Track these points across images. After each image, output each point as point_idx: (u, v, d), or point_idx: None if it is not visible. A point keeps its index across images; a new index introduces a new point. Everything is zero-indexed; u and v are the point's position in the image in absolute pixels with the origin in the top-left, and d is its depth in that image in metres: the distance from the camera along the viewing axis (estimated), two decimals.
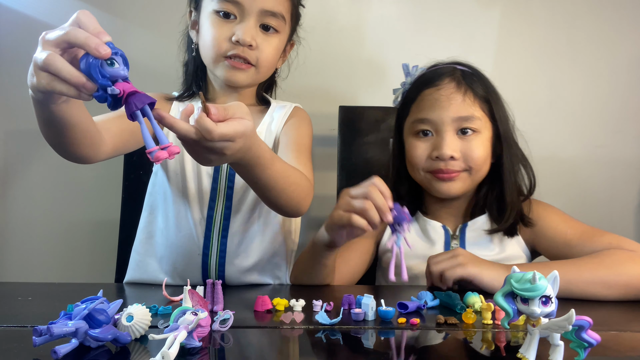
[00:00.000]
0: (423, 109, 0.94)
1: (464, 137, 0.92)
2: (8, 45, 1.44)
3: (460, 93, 0.93)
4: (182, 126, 0.59)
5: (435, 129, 0.93)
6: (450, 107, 0.92)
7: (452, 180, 0.93)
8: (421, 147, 0.94)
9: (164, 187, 1.02)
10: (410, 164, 0.98)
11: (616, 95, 1.53)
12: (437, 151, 0.92)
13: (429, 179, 0.96)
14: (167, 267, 1.01)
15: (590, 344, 0.47)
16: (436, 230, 1.00)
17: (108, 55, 0.52)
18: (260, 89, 1.10)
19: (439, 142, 0.92)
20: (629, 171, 1.53)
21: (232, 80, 0.97)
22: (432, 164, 0.94)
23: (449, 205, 1.01)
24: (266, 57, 0.97)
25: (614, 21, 1.52)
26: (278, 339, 0.61)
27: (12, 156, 1.48)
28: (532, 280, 0.48)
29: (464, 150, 0.92)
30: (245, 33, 0.93)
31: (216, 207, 0.99)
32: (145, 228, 1.04)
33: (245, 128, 0.64)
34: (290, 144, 0.99)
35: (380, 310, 0.68)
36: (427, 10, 1.52)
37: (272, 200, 0.81)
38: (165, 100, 1.06)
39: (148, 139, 0.55)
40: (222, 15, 0.95)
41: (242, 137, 0.64)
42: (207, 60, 1.00)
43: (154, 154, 0.54)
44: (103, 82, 0.52)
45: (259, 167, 0.73)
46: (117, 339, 0.54)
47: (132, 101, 0.53)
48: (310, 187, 0.88)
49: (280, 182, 0.78)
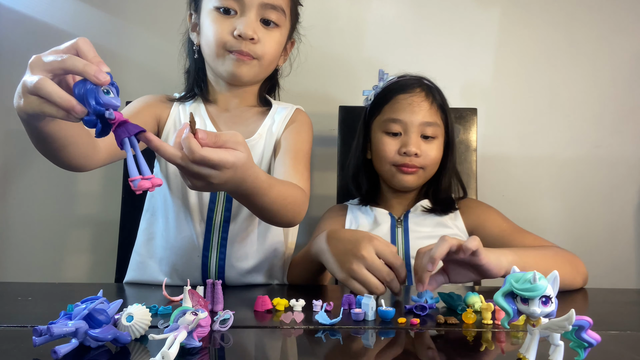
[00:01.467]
0: (396, 111, 1.08)
1: (425, 140, 1.09)
2: (8, 45, 1.45)
3: (428, 101, 1.09)
4: (167, 150, 0.59)
5: (405, 129, 1.08)
6: (420, 112, 1.07)
7: (411, 174, 1.09)
8: (391, 144, 1.09)
9: (163, 190, 1.02)
10: (379, 157, 1.11)
11: (615, 96, 1.53)
12: (405, 148, 1.06)
13: (393, 172, 1.10)
14: (167, 268, 1.01)
15: (590, 344, 0.47)
16: (383, 217, 1.12)
17: (107, 82, 0.53)
18: (262, 90, 1.10)
19: (407, 141, 1.07)
20: (628, 171, 1.53)
21: (236, 74, 0.98)
22: (399, 158, 1.08)
23: (400, 196, 1.16)
24: (268, 50, 0.99)
25: (613, 21, 1.53)
26: (278, 339, 0.61)
27: (12, 156, 1.48)
28: (532, 280, 0.48)
29: (425, 150, 1.08)
30: (246, 26, 0.94)
31: (216, 210, 0.99)
32: (146, 230, 1.04)
33: (236, 159, 0.63)
34: (290, 151, 1.00)
35: (380, 310, 0.68)
36: (427, 10, 1.52)
37: (266, 219, 0.84)
38: (166, 101, 1.06)
39: (132, 167, 0.55)
40: (222, 12, 0.96)
41: (232, 169, 0.63)
42: (210, 57, 1.00)
43: (137, 182, 0.55)
44: (97, 108, 0.53)
45: (256, 195, 0.73)
46: (117, 339, 0.54)
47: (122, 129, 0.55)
48: (306, 199, 0.91)
49: (277, 205, 0.79)
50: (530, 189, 1.54)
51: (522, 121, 1.54)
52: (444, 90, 1.16)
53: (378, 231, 1.09)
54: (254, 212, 0.82)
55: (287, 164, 0.97)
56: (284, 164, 0.97)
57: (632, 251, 1.52)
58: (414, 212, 1.13)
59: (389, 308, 0.68)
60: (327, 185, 1.47)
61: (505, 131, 1.54)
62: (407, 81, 1.12)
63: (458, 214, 1.12)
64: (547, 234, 1.51)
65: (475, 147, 1.38)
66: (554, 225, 1.53)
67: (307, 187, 0.96)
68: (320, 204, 1.34)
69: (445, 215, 1.11)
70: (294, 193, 0.85)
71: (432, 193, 1.15)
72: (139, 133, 0.55)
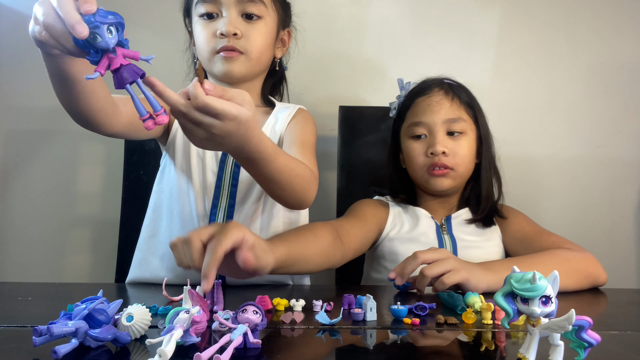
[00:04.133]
0: (417, 114, 1.07)
1: (452, 137, 1.05)
2: (8, 45, 1.45)
3: (449, 99, 1.06)
4: (171, 95, 0.59)
5: (429, 131, 1.06)
6: (440, 110, 1.05)
7: (444, 177, 1.05)
8: (418, 148, 1.07)
9: (170, 184, 1.03)
10: (411, 163, 1.09)
11: (616, 95, 1.53)
12: (431, 148, 1.04)
13: (427, 178, 1.07)
14: (169, 264, 1.01)
15: (590, 344, 0.47)
16: (425, 219, 1.10)
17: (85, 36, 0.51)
18: (265, 89, 1.11)
19: (432, 141, 1.05)
20: (629, 171, 1.53)
21: (227, 71, 1.00)
22: (428, 160, 1.05)
23: (441, 201, 1.12)
24: (254, 42, 1.01)
25: (613, 21, 1.53)
26: (278, 339, 0.61)
27: (12, 156, 1.48)
28: (532, 280, 0.48)
29: (453, 148, 1.04)
30: (227, 24, 0.98)
31: (219, 204, 1.00)
32: (148, 226, 1.05)
33: (239, 112, 0.62)
34: (295, 141, 1.01)
35: (393, 308, 0.69)
36: (427, 10, 1.52)
37: (276, 192, 0.83)
38: None
39: (140, 107, 0.55)
40: (206, 18, 1.02)
41: (234, 121, 0.62)
42: (204, 63, 1.04)
43: (146, 121, 0.55)
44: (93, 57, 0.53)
45: (261, 161, 0.73)
46: (117, 339, 0.54)
47: (125, 73, 0.54)
48: (315, 180, 0.90)
49: (284, 175, 0.78)
50: (530, 189, 1.53)
51: (522, 121, 1.54)
52: None
53: (422, 236, 1.07)
54: (261, 183, 0.81)
55: (293, 151, 0.97)
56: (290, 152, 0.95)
57: (632, 251, 1.52)
58: (456, 219, 1.10)
59: (402, 307, 0.69)
60: (327, 185, 1.47)
61: (505, 131, 1.53)
62: (425, 83, 1.12)
63: (497, 227, 1.11)
64: None
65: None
66: (554, 226, 1.51)
67: (316, 171, 0.95)
68: (321, 204, 1.34)
69: (489, 227, 1.10)
70: (302, 168, 0.84)
71: (474, 200, 1.11)
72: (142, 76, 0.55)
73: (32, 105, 1.46)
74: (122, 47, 0.54)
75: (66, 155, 1.47)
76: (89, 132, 0.81)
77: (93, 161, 1.49)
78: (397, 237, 1.08)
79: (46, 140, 1.47)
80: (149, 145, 1.28)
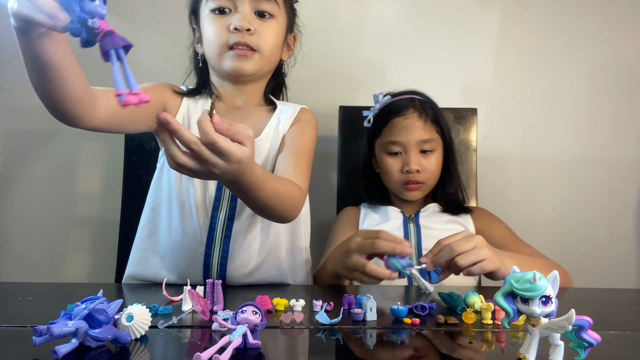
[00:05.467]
0: (394, 134, 1.16)
1: (424, 155, 1.16)
2: (8, 45, 1.45)
3: (422, 120, 1.15)
4: (185, 134, 0.61)
5: (404, 149, 1.16)
6: (415, 132, 1.14)
7: (416, 190, 1.17)
8: (394, 164, 1.17)
9: (169, 184, 1.03)
10: (387, 176, 1.20)
11: (616, 95, 1.53)
12: (407, 166, 1.15)
13: (400, 189, 1.19)
14: (169, 264, 1.01)
15: (590, 344, 0.47)
16: (394, 213, 1.19)
17: None
18: (267, 89, 1.12)
19: (408, 160, 1.15)
20: (629, 171, 1.53)
21: (238, 69, 1.01)
22: (403, 177, 1.16)
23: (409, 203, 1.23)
24: (266, 40, 1.02)
25: (613, 21, 1.53)
26: (278, 339, 0.61)
27: (12, 156, 1.48)
28: (532, 280, 0.48)
29: (424, 165, 1.16)
30: (241, 19, 0.98)
31: (220, 208, 1.00)
32: (147, 224, 1.05)
33: (242, 155, 0.65)
34: (292, 149, 1.02)
35: (393, 308, 0.69)
36: (427, 10, 1.52)
37: (261, 213, 0.88)
38: (174, 93, 1.07)
39: (118, 81, 0.52)
40: (217, 12, 1.01)
41: (237, 163, 0.65)
42: (212, 58, 1.03)
43: (123, 97, 0.52)
44: (81, 15, 0.51)
45: (251, 190, 0.76)
46: (117, 339, 0.53)
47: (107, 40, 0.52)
48: (302, 196, 0.95)
49: (271, 200, 0.82)
50: (530, 189, 1.54)
51: (522, 121, 1.54)
52: (444, 91, 1.17)
53: (388, 226, 1.15)
54: (249, 205, 0.85)
55: (288, 161, 1.00)
56: (286, 161, 1.00)
57: (632, 251, 1.52)
58: (425, 211, 1.19)
59: (402, 307, 0.69)
60: (327, 185, 1.48)
61: (505, 131, 1.54)
62: (400, 102, 1.18)
63: (469, 218, 1.19)
64: (547, 234, 1.52)
65: (475, 147, 1.38)
66: (553, 225, 1.53)
67: (306, 185, 0.99)
68: (321, 204, 1.34)
69: (457, 215, 1.18)
70: (289, 189, 0.88)
71: (440, 197, 1.21)
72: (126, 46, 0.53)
73: (32, 105, 1.46)
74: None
75: (66, 155, 1.47)
76: (89, 132, 0.80)
77: (93, 161, 1.49)
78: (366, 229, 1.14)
79: (46, 140, 1.47)
80: (149, 145, 1.28)
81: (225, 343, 0.51)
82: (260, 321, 0.55)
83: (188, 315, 0.68)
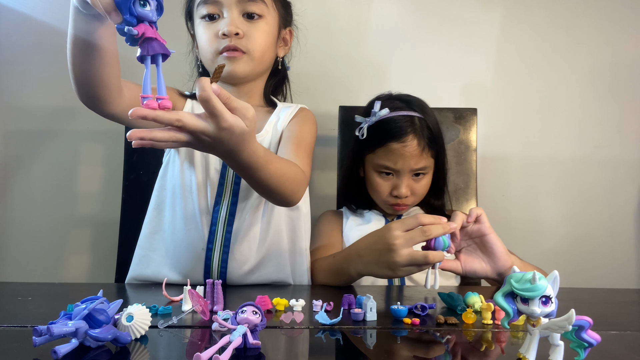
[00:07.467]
0: (390, 159, 1.11)
1: (416, 178, 1.13)
2: (8, 45, 1.45)
3: (420, 149, 1.10)
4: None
5: (397, 173, 1.13)
6: (411, 160, 1.10)
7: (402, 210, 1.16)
8: (384, 185, 1.14)
9: (173, 181, 1.04)
10: (375, 193, 1.16)
11: (616, 96, 1.53)
12: (396, 191, 1.12)
13: (387, 207, 1.17)
14: (171, 261, 1.01)
15: (590, 344, 0.47)
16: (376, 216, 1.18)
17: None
18: (267, 90, 1.12)
19: (399, 184, 1.12)
20: (629, 171, 1.53)
21: (230, 71, 1.02)
22: (392, 199, 1.14)
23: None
24: (255, 41, 1.03)
25: (614, 21, 1.53)
26: (278, 339, 0.61)
27: (12, 156, 1.48)
28: (532, 280, 0.48)
29: (414, 188, 1.13)
30: (229, 24, 1.00)
31: (222, 202, 1.01)
32: (150, 223, 1.05)
33: (234, 123, 0.63)
34: (291, 139, 1.03)
35: (393, 308, 0.69)
36: (427, 10, 1.52)
37: (264, 193, 0.86)
38: (178, 95, 1.09)
39: (147, 85, 0.56)
40: (208, 19, 1.03)
41: (228, 130, 0.63)
42: (207, 64, 1.06)
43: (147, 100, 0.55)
44: (128, 19, 0.54)
45: (252, 169, 0.75)
46: (117, 339, 0.54)
47: (146, 45, 0.55)
48: (305, 179, 0.94)
49: (274, 180, 0.81)
50: (530, 189, 1.54)
51: (522, 121, 1.54)
52: (444, 91, 1.16)
53: (370, 228, 1.11)
54: (253, 186, 0.83)
55: (289, 149, 1.00)
56: (286, 149, 1.00)
57: (632, 251, 1.52)
58: (407, 214, 1.18)
59: (402, 307, 0.69)
60: (327, 185, 1.48)
61: (505, 131, 1.54)
62: (399, 125, 1.10)
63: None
64: (547, 234, 1.52)
65: (475, 147, 1.38)
66: (554, 226, 1.53)
67: (308, 171, 0.99)
68: (321, 204, 1.34)
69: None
70: (293, 170, 0.88)
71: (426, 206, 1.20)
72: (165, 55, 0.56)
73: (32, 105, 1.46)
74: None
75: (66, 155, 1.47)
76: (89, 132, 0.81)
77: (93, 161, 1.49)
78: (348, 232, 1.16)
79: (46, 140, 1.47)
80: None
81: (225, 343, 0.51)
82: (260, 321, 0.55)
83: (188, 315, 0.68)
